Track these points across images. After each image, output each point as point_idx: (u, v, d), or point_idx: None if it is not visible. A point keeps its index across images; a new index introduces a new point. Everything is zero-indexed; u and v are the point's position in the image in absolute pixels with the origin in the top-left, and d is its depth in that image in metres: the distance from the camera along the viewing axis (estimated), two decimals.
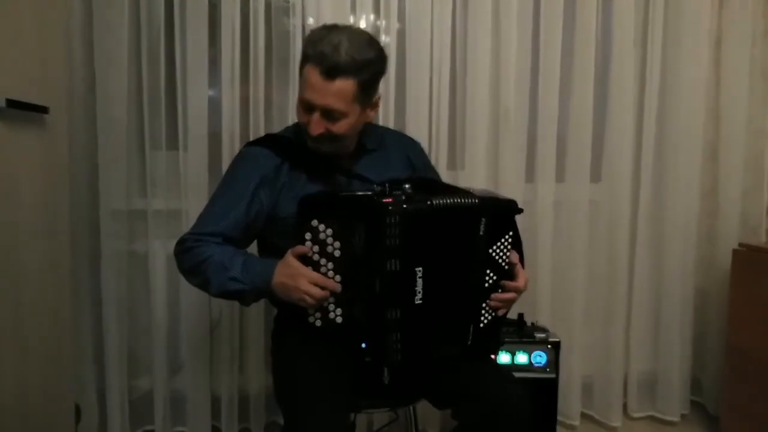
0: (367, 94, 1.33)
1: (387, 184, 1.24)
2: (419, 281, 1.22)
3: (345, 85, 1.26)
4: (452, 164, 2.15)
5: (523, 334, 1.93)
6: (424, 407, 1.57)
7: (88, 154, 1.96)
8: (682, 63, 2.17)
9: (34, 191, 1.41)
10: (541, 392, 1.89)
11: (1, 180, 1.28)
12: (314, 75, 1.26)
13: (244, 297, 1.29)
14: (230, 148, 1.99)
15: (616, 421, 2.21)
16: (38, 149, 1.43)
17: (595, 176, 2.22)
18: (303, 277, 1.19)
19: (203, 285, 1.31)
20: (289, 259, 1.22)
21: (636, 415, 2.28)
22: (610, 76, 2.18)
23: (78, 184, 1.91)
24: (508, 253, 1.31)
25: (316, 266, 1.21)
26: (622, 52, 2.15)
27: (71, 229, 1.64)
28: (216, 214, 1.36)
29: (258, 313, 2.05)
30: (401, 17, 2.05)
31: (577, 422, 2.20)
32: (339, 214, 1.20)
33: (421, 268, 1.22)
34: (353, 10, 2.02)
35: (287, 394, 1.27)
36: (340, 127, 1.30)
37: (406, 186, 1.23)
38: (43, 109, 1.41)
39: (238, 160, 1.43)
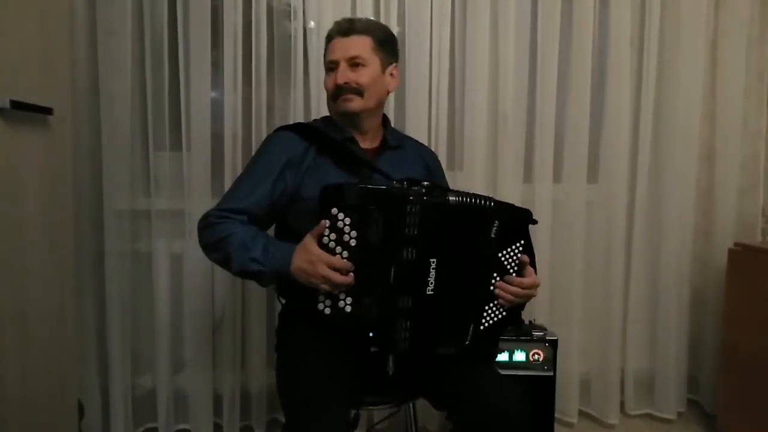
0: (384, 51, 1.48)
1: (405, 182, 1.28)
2: (432, 272, 1.25)
3: (362, 39, 1.45)
4: (451, 165, 2.16)
5: (521, 332, 1.94)
6: (424, 405, 1.58)
7: (92, 154, 1.98)
8: (679, 64, 2.18)
9: (38, 191, 1.42)
10: (539, 390, 1.91)
11: (5, 180, 1.29)
12: (335, 41, 1.47)
13: (262, 278, 1.31)
14: (233, 148, 2.01)
15: (614, 418, 2.23)
16: (42, 150, 1.44)
17: (592, 177, 2.24)
18: (322, 263, 1.21)
19: (224, 261, 1.33)
20: (308, 243, 1.24)
21: (633, 412, 2.30)
22: (607, 78, 2.20)
23: (82, 185, 1.93)
24: (517, 260, 1.34)
25: (331, 253, 1.23)
26: (619, 54, 2.17)
27: (75, 229, 1.66)
28: (243, 192, 1.39)
29: (260, 311, 2.07)
30: (401, 21, 2.07)
31: (574, 420, 2.22)
32: (359, 204, 1.22)
33: (435, 260, 1.25)
34: (353, 13, 2.04)
35: (290, 390, 1.29)
36: (363, 76, 1.44)
37: (425, 183, 1.28)
38: (47, 110, 1.42)
39: (267, 142, 1.48)
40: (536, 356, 1.94)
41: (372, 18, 2.02)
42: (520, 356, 1.93)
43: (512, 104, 2.13)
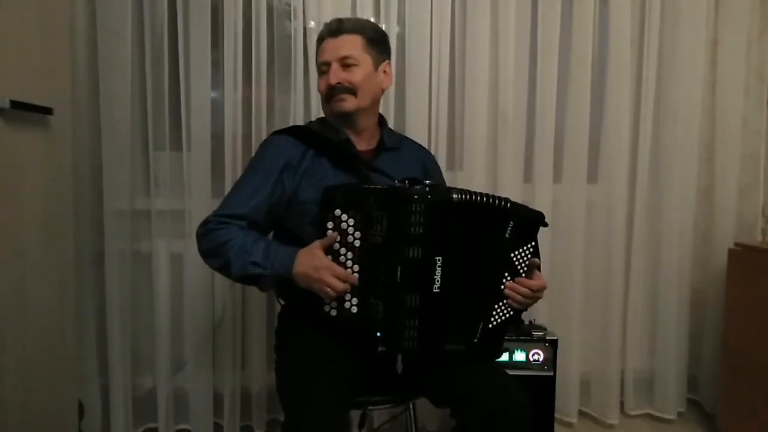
0: (376, 49, 1.48)
1: (407, 182, 1.28)
2: (438, 270, 1.25)
3: (352, 38, 1.45)
4: (451, 165, 2.17)
5: (521, 332, 1.94)
6: (424, 405, 1.58)
7: (92, 154, 1.98)
8: (679, 64, 2.18)
9: (39, 191, 1.43)
10: (539, 390, 1.91)
11: (5, 180, 1.29)
12: (326, 42, 1.46)
13: (263, 282, 1.31)
14: (233, 148, 2.01)
15: (614, 418, 2.23)
16: (42, 150, 1.45)
17: (592, 177, 2.24)
18: (327, 270, 1.22)
19: (224, 268, 1.32)
20: (314, 249, 1.24)
21: (633, 412, 2.30)
22: (607, 78, 2.20)
23: (82, 185, 1.93)
24: (527, 261, 1.35)
25: (335, 255, 1.24)
26: (619, 54, 2.17)
27: (75, 229, 1.66)
28: (241, 197, 1.38)
29: (260, 311, 2.07)
30: (401, 21, 2.07)
31: (574, 420, 2.22)
32: (362, 204, 1.23)
33: (440, 258, 1.24)
34: (353, 13, 2.04)
35: (289, 390, 1.29)
36: (355, 75, 1.43)
37: (427, 182, 1.28)
38: (47, 110, 1.43)
39: (264, 147, 1.47)
40: (536, 356, 1.94)
41: (360, 17, 2.01)
42: (520, 356, 1.93)
43: (512, 104, 2.13)
